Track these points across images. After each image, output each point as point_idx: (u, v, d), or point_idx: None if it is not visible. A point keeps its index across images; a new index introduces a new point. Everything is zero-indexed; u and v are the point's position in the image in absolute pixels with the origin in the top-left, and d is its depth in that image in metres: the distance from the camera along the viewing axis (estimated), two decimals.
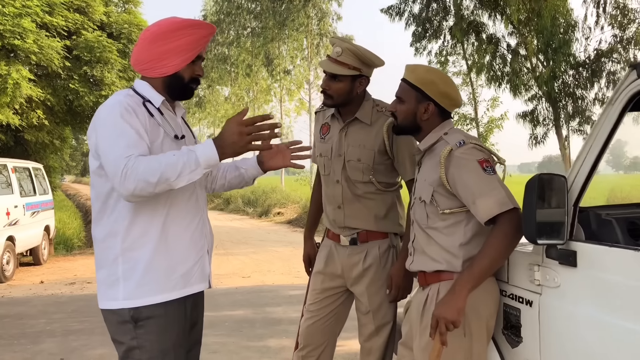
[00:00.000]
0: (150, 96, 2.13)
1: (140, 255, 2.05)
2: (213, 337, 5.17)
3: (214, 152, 1.96)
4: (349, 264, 2.80)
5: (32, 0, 9.68)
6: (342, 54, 2.66)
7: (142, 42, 2.14)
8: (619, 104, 1.89)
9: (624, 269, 1.79)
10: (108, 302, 2.07)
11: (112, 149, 1.95)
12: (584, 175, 1.99)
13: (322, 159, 2.88)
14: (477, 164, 2.13)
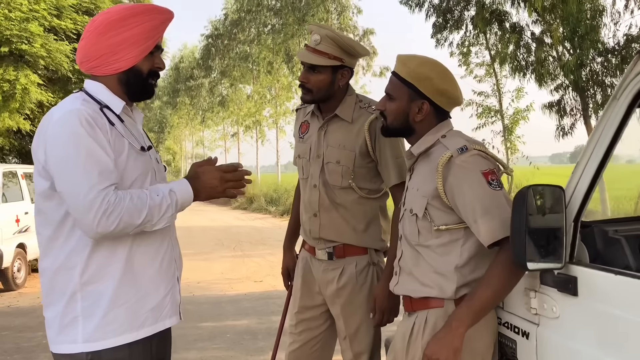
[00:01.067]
0: (108, 100, 1.82)
1: (104, 288, 1.76)
2: (212, 351, 4.95)
3: (190, 195, 1.84)
4: (324, 280, 2.50)
5: (40, 4, 9.57)
6: (320, 42, 2.37)
7: (90, 35, 1.82)
8: (625, 98, 1.55)
9: (631, 301, 1.46)
10: (64, 346, 1.77)
11: (79, 176, 1.66)
12: (586, 185, 1.65)
13: (301, 161, 2.59)
14: (482, 176, 1.81)
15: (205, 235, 14.60)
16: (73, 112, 1.70)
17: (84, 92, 1.84)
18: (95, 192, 1.64)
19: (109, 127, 1.76)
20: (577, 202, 1.67)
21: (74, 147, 1.67)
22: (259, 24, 31.59)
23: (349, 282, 2.44)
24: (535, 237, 1.62)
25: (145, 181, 1.85)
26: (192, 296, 7.37)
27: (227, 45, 34.89)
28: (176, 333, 5.41)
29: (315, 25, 2.43)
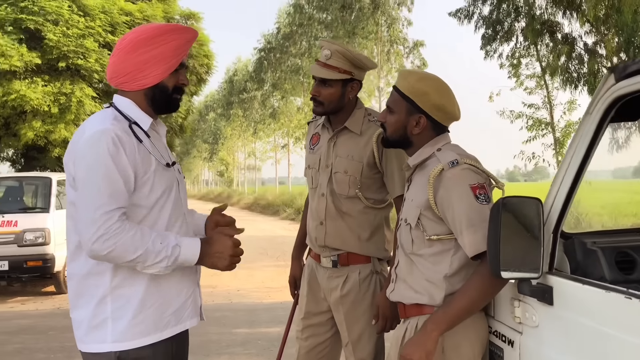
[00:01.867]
0: (137, 117, 1.92)
1: (133, 292, 1.86)
2: (242, 356, 5.09)
3: (195, 257, 1.89)
4: (328, 287, 2.59)
5: (95, 22, 10.11)
6: (331, 57, 2.47)
7: (120, 53, 1.92)
8: (597, 113, 1.59)
9: (595, 310, 1.49)
10: (93, 345, 1.87)
11: (91, 193, 1.78)
12: (563, 198, 1.69)
13: (311, 171, 2.70)
14: (470, 190, 1.87)
15: (251, 244, 14.85)
16: (102, 132, 1.80)
17: (114, 108, 1.95)
18: (100, 213, 1.74)
19: (136, 144, 1.85)
20: (555, 214, 1.71)
21: (95, 167, 1.78)
22: (310, 37, 31.96)
23: (352, 289, 2.52)
24: (510, 247, 1.66)
25: (171, 194, 1.95)
26: (230, 303, 7.56)
27: (279, 59, 35.45)
28: (211, 338, 5.63)
29: (325, 41, 2.54)
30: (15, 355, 5.20)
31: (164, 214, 1.93)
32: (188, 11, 12.74)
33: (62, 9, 9.53)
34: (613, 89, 1.53)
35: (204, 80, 12.72)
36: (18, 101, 9.13)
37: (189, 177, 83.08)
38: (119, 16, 10.59)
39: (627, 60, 12.91)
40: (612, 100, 1.54)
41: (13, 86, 9.15)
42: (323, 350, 2.68)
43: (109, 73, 1.97)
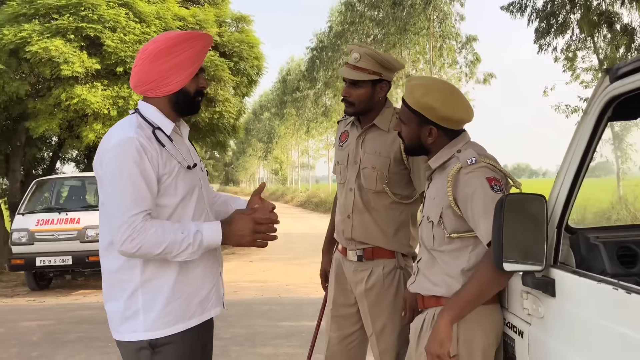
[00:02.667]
0: (160, 122, 2.06)
1: (160, 286, 2.01)
2: (286, 348, 5.27)
3: (219, 238, 2.02)
4: (354, 280, 2.72)
5: (150, 27, 10.53)
6: (360, 59, 2.60)
7: (143, 62, 2.05)
8: (594, 113, 1.66)
9: (590, 302, 1.57)
10: (127, 335, 2.03)
11: (117, 198, 1.93)
12: (565, 194, 1.77)
13: (339, 167, 2.82)
14: (485, 181, 1.96)
15: (303, 241, 15.11)
16: (128, 141, 1.93)
17: (139, 116, 2.06)
18: (126, 217, 1.89)
19: (159, 150, 1.98)
20: (558, 210, 1.79)
21: (120, 173, 1.93)
22: (361, 34, 31.97)
23: (377, 283, 2.64)
24: (513, 241, 1.75)
25: (194, 193, 2.09)
26: (279, 297, 7.78)
27: (330, 57, 35.60)
28: (257, 330, 5.87)
29: (354, 45, 2.66)
30: (76, 343, 5.58)
31: (188, 211, 2.07)
32: (239, 14, 13.07)
33: (119, 17, 9.98)
34: (608, 89, 1.60)
35: (255, 82, 13.00)
36: (80, 105, 9.62)
37: (244, 175, 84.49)
38: (173, 21, 10.98)
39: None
40: (608, 100, 1.61)
41: (75, 91, 9.66)
42: (352, 342, 2.81)
43: (133, 82, 2.10)
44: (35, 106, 9.97)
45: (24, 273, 9.52)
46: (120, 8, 10.19)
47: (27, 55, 9.31)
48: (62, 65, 9.33)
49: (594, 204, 15.87)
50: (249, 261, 12.27)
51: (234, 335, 5.79)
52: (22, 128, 10.98)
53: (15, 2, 9.87)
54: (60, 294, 9.09)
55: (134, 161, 1.92)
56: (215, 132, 12.45)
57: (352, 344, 2.81)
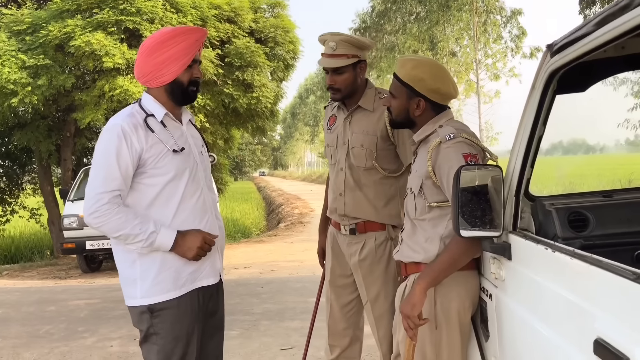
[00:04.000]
0: (153, 110, 2.29)
1: (155, 257, 2.26)
2: None
3: (169, 245, 2.25)
4: (348, 253, 2.89)
5: (187, 17, 10.81)
6: (337, 47, 2.73)
7: (141, 56, 2.28)
8: (539, 86, 1.76)
9: (534, 263, 1.69)
10: (129, 300, 2.32)
11: (93, 175, 2.23)
12: (520, 164, 1.87)
13: (329, 149, 2.98)
14: (462, 157, 2.08)
15: None
16: (111, 127, 2.23)
17: (137, 105, 2.33)
18: (94, 193, 2.17)
19: (145, 136, 2.23)
20: (515, 179, 1.90)
21: (98, 155, 2.24)
22: (404, 13, 31.63)
23: (369, 254, 2.80)
24: (470, 209, 1.88)
25: (184, 175, 2.31)
26: (313, 275, 8.00)
27: (374, 37, 35.34)
28: (288, 306, 6.13)
29: (327, 35, 2.78)
30: (119, 319, 5.96)
31: (178, 190, 2.30)
32: (274, 0, 13.24)
33: (156, 8, 10.29)
34: (548, 63, 1.69)
35: (291, 66, 13.16)
36: (122, 95, 10.02)
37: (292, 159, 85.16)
38: (209, 10, 11.23)
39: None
40: (550, 73, 1.70)
41: (117, 82, 10.07)
42: (351, 310, 2.99)
43: (136, 74, 2.36)
44: (82, 98, 10.45)
45: (76, 256, 10.11)
46: (158, 0, 10.51)
47: (71, 49, 9.76)
48: (104, 58, 9.74)
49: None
50: (290, 242, 12.57)
51: (265, 311, 6.05)
52: (70, 119, 11.54)
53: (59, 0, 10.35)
54: (109, 275, 9.60)
55: (112, 145, 2.20)
56: (254, 118, 12.69)
57: (351, 311, 2.99)
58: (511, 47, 26.64)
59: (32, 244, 15.76)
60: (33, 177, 15.91)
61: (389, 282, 2.78)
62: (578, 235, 1.85)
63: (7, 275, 10.48)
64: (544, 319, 1.60)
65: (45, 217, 14.12)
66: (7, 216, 15.40)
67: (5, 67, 9.58)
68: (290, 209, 22.04)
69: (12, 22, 10.48)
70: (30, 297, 7.73)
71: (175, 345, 2.29)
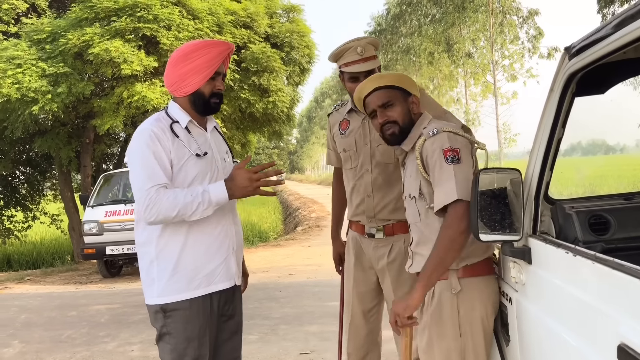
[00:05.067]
0: (178, 117, 2.40)
1: (169, 259, 2.34)
2: (330, 326, 5.47)
3: (224, 194, 2.31)
4: (375, 256, 2.85)
5: (203, 23, 10.90)
6: (365, 51, 2.75)
7: (168, 67, 2.41)
8: (557, 89, 1.75)
9: (554, 266, 1.67)
10: (148, 299, 2.39)
11: (135, 177, 2.28)
12: (539, 167, 1.86)
13: (347, 154, 2.93)
14: (441, 153, 2.07)
15: None
16: (143, 131, 2.33)
17: (164, 112, 2.43)
18: (143, 190, 2.24)
19: (172, 140, 2.32)
20: (534, 182, 1.88)
21: (136, 156, 2.30)
22: (419, 15, 31.61)
23: (398, 257, 2.78)
24: (490, 213, 1.87)
25: (205, 179, 2.38)
26: (331, 279, 7.97)
27: (389, 40, 35.37)
28: (306, 310, 6.13)
29: (351, 42, 2.79)
30: (140, 324, 6.02)
31: None
32: (289, 5, 13.27)
33: (173, 15, 10.39)
34: (567, 66, 1.68)
35: (307, 70, 13.20)
36: (140, 101, 10.14)
37: (309, 163, 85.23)
38: (225, 16, 11.31)
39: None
40: (568, 76, 1.69)
41: (135, 88, 10.18)
42: (373, 315, 2.96)
43: (165, 83, 2.47)
44: (100, 105, 10.58)
45: (97, 261, 10.22)
46: (174, 6, 10.61)
47: (90, 57, 9.88)
48: (122, 65, 9.85)
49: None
50: (307, 246, 12.58)
51: (283, 315, 6.07)
52: (89, 126, 11.67)
53: (78, 8, 10.47)
54: (129, 280, 9.69)
55: (146, 145, 2.28)
56: (271, 122, 12.75)
57: (373, 317, 2.97)
58: (528, 47, 26.50)
59: (53, 250, 15.96)
60: (53, 184, 16.12)
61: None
62: (599, 238, 1.83)
63: (30, 280, 10.64)
64: (566, 323, 1.59)
65: (65, 223, 14.30)
66: (28, 222, 15.63)
67: (26, 75, 9.73)
68: (307, 213, 22.05)
69: (33, 31, 10.65)
70: (52, 302, 7.84)
71: (187, 346, 2.34)
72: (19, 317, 6.86)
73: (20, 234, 15.74)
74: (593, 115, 8.49)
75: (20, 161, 14.54)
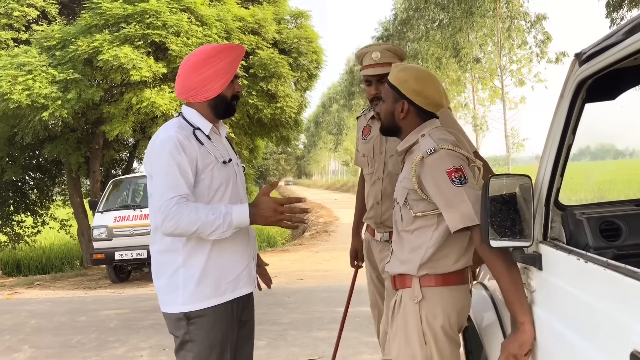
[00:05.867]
0: (199, 124, 2.35)
1: (197, 265, 2.31)
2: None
3: (247, 218, 2.26)
4: (380, 257, 2.94)
5: (212, 30, 10.96)
6: (381, 56, 2.77)
7: (186, 72, 2.34)
8: (567, 95, 1.75)
9: (570, 275, 1.67)
10: (170, 307, 2.34)
11: (157, 185, 2.25)
12: (549, 174, 1.86)
13: (365, 159, 3.01)
14: (446, 175, 2.03)
15: None
16: (169, 138, 2.26)
17: (181, 117, 2.38)
18: (163, 200, 2.19)
19: (197, 147, 2.28)
20: (545, 189, 1.88)
21: (161, 166, 2.24)
22: (427, 20, 31.57)
23: None
24: (500, 219, 1.87)
25: (229, 185, 2.38)
26: (339, 285, 8.00)
27: (396, 45, 35.29)
28: (315, 315, 6.13)
29: (370, 46, 2.84)
30: (149, 329, 6.03)
31: (223, 201, 2.35)
32: (297, 11, 13.32)
33: (182, 21, 10.45)
34: (577, 72, 1.68)
35: (315, 76, 13.22)
36: (149, 107, 10.19)
37: (316, 168, 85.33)
38: (233, 22, 11.36)
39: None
40: (578, 82, 1.69)
41: (145, 94, 10.24)
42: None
43: (178, 90, 2.41)
44: (110, 111, 10.64)
45: (106, 266, 10.26)
46: (183, 13, 10.66)
47: (99, 63, 9.94)
48: (132, 71, 9.91)
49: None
50: (315, 251, 12.58)
51: (292, 321, 6.07)
52: (99, 132, 11.74)
53: (88, 15, 10.55)
54: (138, 285, 9.73)
55: (170, 155, 2.23)
56: (279, 127, 12.78)
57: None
58: (536, 52, 26.37)
59: (62, 255, 16.05)
60: (63, 189, 16.22)
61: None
62: (610, 245, 1.82)
63: (39, 285, 10.70)
64: (577, 330, 1.59)
65: (74, 228, 14.38)
66: (38, 227, 15.72)
67: (37, 82, 9.81)
68: (314, 218, 22.06)
69: (43, 38, 10.74)
70: (62, 307, 7.88)
71: (210, 353, 2.32)
72: (29, 322, 6.90)
73: (29, 239, 15.82)
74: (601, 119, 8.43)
75: (30, 167, 14.63)
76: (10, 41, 11.64)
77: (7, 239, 15.22)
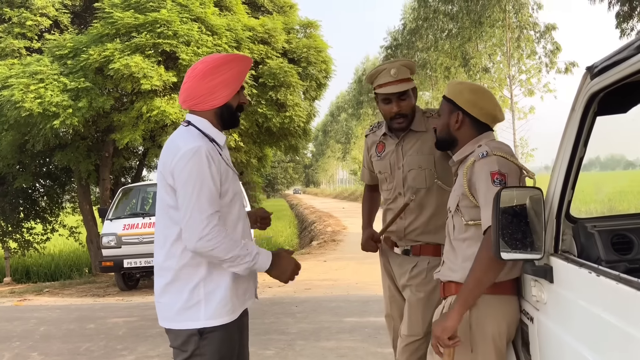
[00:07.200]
0: (214, 135, 2.31)
1: (221, 280, 2.26)
2: (348, 342, 5.46)
3: (266, 267, 2.31)
4: (399, 272, 2.90)
5: (222, 39, 11.03)
6: (398, 73, 2.75)
7: (193, 79, 2.29)
8: (579, 108, 1.76)
9: (582, 288, 1.66)
10: (187, 323, 2.24)
11: (192, 200, 2.15)
12: (560, 186, 1.86)
13: (382, 176, 2.98)
14: (489, 175, 2.09)
15: None
16: (197, 149, 2.18)
17: (193, 127, 2.30)
18: (204, 216, 2.13)
19: (219, 159, 2.25)
20: (556, 201, 1.88)
21: (195, 178, 2.16)
22: (436, 30, 31.62)
23: (420, 274, 2.81)
24: (511, 231, 1.87)
25: (239, 198, 2.37)
26: (347, 295, 7.99)
27: (405, 55, 35.40)
28: (323, 325, 6.12)
29: (385, 64, 2.82)
30: (157, 337, 6.04)
31: (234, 212, 2.33)
32: (306, 20, 13.41)
33: (192, 31, 10.54)
34: (589, 86, 1.69)
35: (324, 85, 13.29)
36: (160, 116, 10.26)
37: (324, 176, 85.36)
38: (243, 32, 11.45)
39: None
40: (590, 96, 1.69)
41: (155, 103, 10.31)
42: None
43: (183, 97, 2.34)
44: (120, 119, 10.72)
45: (114, 274, 10.29)
46: (193, 23, 10.76)
47: (110, 72, 10.05)
48: (142, 80, 9.99)
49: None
50: (323, 260, 12.55)
51: (300, 330, 6.05)
52: (109, 140, 11.83)
53: (99, 24, 10.67)
54: (146, 293, 9.73)
55: (206, 167, 2.18)
56: (287, 136, 12.83)
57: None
58: (545, 62, 26.36)
59: (71, 262, 16.13)
60: (72, 197, 16.32)
61: (429, 308, 2.73)
62: (622, 258, 1.82)
63: (48, 292, 10.74)
64: (588, 344, 1.58)
65: (84, 236, 14.45)
66: (47, 234, 15.81)
67: (48, 90, 9.91)
68: (322, 227, 22.03)
69: (55, 47, 10.86)
70: (71, 314, 7.90)
71: None
72: (38, 329, 6.92)
73: (39, 246, 15.90)
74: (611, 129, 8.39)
75: (40, 174, 14.74)
76: (23, 50, 11.79)
77: (17, 246, 15.30)
